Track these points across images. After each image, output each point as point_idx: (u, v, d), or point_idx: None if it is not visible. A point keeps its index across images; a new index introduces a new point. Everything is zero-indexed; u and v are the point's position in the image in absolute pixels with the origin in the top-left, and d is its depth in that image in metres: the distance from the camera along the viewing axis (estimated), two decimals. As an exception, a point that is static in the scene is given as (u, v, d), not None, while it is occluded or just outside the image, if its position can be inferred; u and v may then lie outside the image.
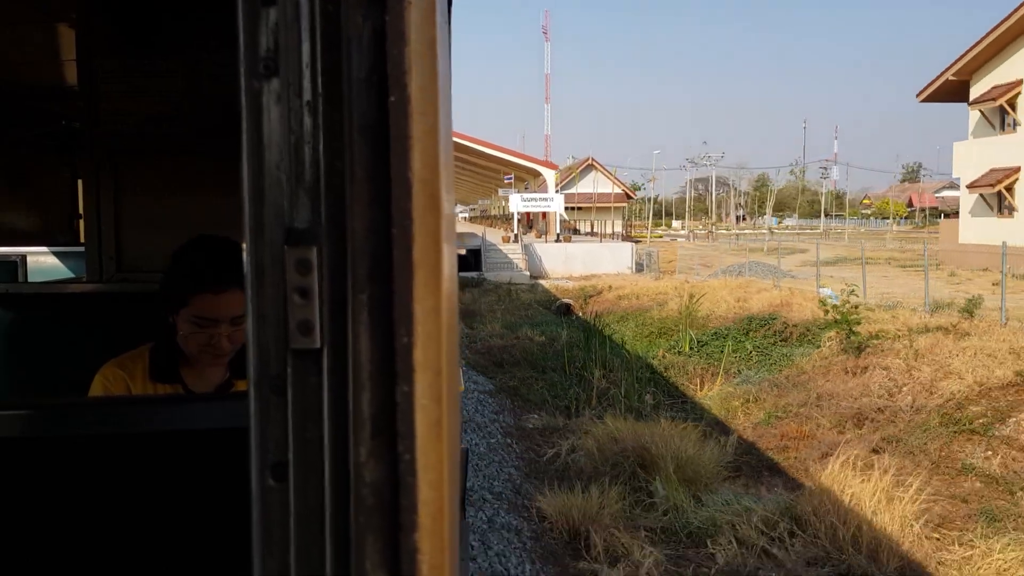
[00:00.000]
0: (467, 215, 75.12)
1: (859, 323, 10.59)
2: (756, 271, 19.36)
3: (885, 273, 15.66)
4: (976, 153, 31.32)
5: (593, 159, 55.98)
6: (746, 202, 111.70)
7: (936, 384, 8.67)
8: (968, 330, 10.47)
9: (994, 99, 29.44)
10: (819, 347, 10.80)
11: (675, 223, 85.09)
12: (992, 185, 29.89)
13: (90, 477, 1.39)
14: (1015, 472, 6.68)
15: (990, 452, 7.09)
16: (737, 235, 58.79)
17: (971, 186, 31.50)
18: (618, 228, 41.99)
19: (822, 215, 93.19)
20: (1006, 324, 11.24)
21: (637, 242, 36.96)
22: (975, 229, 31.03)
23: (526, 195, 33.33)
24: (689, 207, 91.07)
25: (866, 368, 9.61)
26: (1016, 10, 27.22)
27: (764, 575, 4.93)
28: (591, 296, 19.08)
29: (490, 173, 41.15)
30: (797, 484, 6.63)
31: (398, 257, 0.55)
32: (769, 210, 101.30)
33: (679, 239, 56.09)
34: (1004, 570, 5.04)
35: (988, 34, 29.05)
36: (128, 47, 3.03)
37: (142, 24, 3.06)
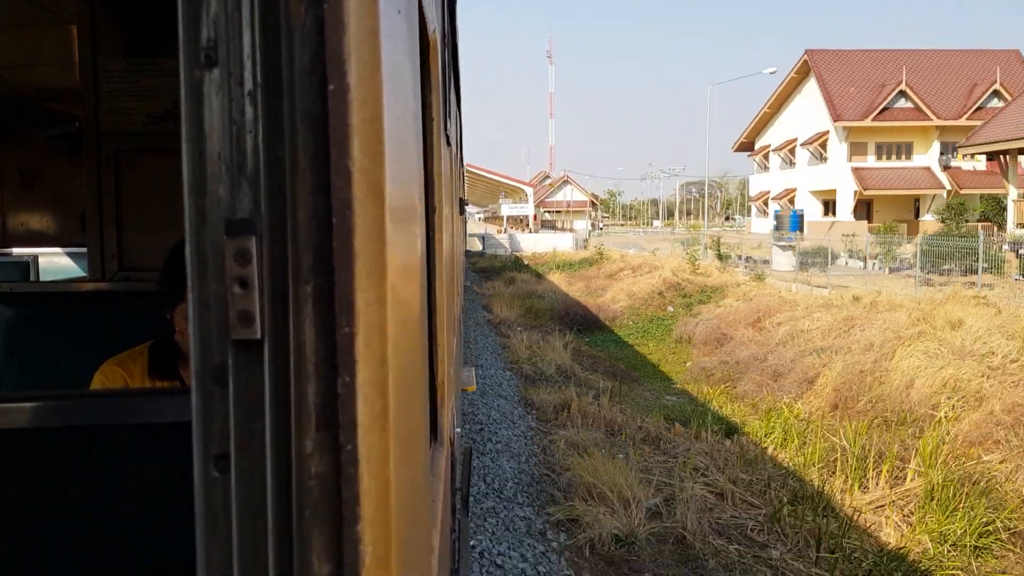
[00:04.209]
0: (481, 216, 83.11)
1: (603, 255, 31.84)
2: (629, 246, 39.01)
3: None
4: (756, 183, 56.68)
5: (568, 176, 77.99)
6: (725, 204, 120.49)
7: (614, 268, 27.53)
8: (641, 256, 30.77)
9: (759, 153, 54.06)
10: (602, 263, 29.89)
11: (655, 222, 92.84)
12: (757, 200, 55.74)
13: (70, 468, 1.40)
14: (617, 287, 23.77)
15: (609, 280, 25.40)
16: (671, 230, 75.77)
17: (751, 200, 58.36)
18: (583, 225, 64.09)
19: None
20: (667, 255, 29.29)
21: (599, 233, 58.99)
22: (757, 225, 54.76)
23: (511, 204, 54.52)
24: (662, 208, 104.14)
25: (601, 267, 29.06)
26: (765, 103, 50.38)
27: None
28: (535, 257, 37.43)
29: (495, 188, 59.86)
30: (550, 283, 27.41)
31: (338, 247, 0.55)
32: (736, 210, 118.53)
33: (628, 233, 75.41)
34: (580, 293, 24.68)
35: (756, 115, 52.31)
36: (132, 47, 3.05)
37: (146, 24, 3.07)
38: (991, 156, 29.17)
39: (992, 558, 6.09)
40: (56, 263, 6.05)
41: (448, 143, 2.63)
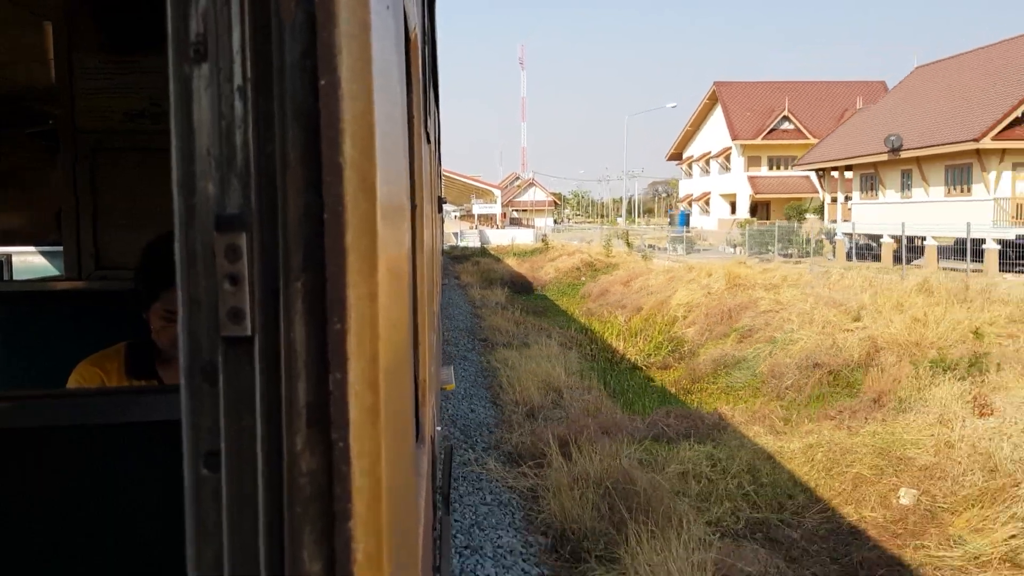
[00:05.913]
0: (457, 214, 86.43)
1: (548, 245, 39.40)
2: (575, 239, 46.30)
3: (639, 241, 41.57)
4: (684, 187, 68.39)
5: (534, 179, 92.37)
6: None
7: (556, 255, 34.12)
8: (577, 246, 37.91)
9: (685, 163, 65.50)
10: (548, 251, 36.85)
11: (619, 219, 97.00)
12: (684, 200, 66.53)
13: (54, 467, 1.38)
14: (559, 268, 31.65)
15: (549, 263, 32.17)
16: (621, 223, 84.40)
17: (679, 201, 70.27)
18: (543, 222, 73.22)
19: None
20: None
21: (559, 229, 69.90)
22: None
23: (482, 204, 64.48)
24: (624, 206, 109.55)
25: (547, 254, 35.95)
26: (687, 122, 62.12)
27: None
28: (499, 248, 44.47)
29: (469, 190, 68.79)
30: (505, 264, 34.70)
31: (330, 243, 0.54)
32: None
33: (589, 228, 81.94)
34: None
35: (680, 132, 63.88)
36: (108, 44, 3.01)
37: (123, 21, 3.03)
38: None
39: (660, 356, 14.74)
40: (29, 262, 5.97)
41: (428, 140, 2.63)
